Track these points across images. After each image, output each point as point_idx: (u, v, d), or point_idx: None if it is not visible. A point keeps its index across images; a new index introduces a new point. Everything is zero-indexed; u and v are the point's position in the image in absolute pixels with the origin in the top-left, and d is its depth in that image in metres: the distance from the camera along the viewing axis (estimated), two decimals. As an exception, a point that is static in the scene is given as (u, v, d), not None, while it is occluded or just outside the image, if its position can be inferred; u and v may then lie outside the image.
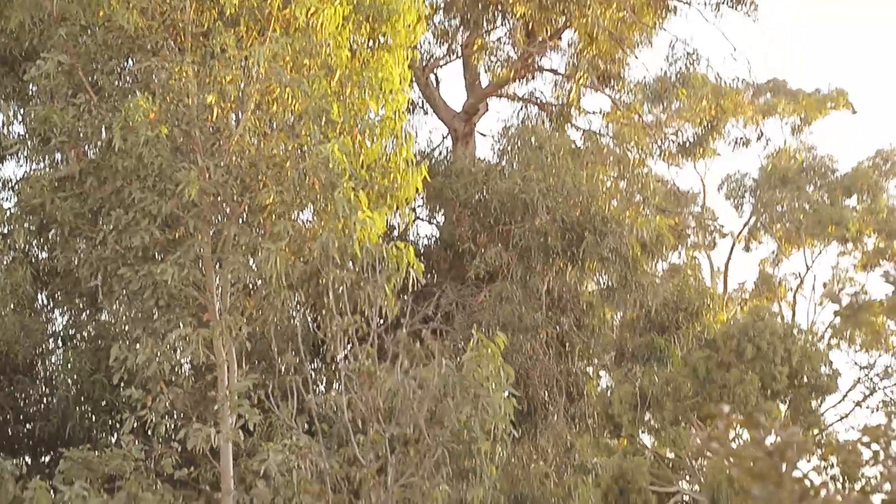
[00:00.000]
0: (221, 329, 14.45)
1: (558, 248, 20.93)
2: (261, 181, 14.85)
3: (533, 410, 20.60)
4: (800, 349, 29.60)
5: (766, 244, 39.02)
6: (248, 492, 13.93)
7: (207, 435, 13.34)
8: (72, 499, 13.06)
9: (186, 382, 17.84)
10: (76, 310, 20.14)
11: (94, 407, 18.63)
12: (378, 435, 9.52)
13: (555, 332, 21.53)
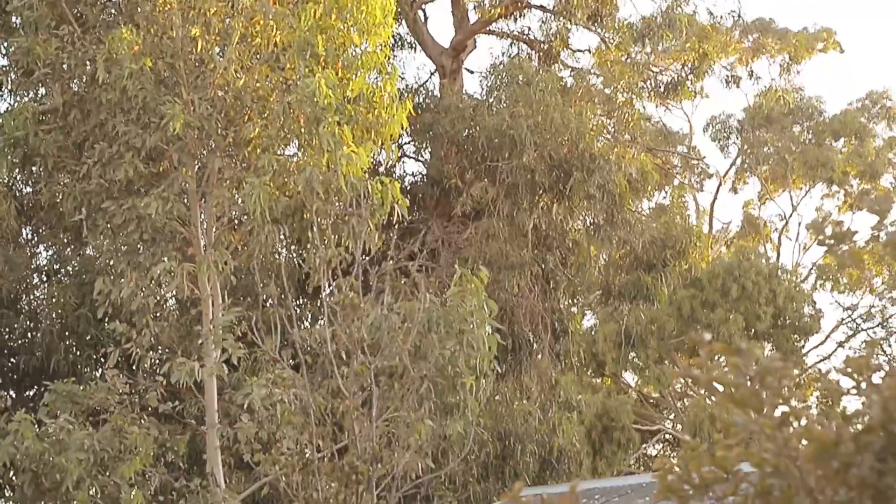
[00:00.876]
0: (206, 263, 14.44)
1: (545, 185, 20.92)
2: (245, 115, 14.79)
3: (517, 348, 20.69)
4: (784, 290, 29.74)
5: (753, 185, 39.05)
6: (233, 426, 13.98)
7: (191, 369, 13.37)
8: (56, 431, 13.11)
9: (171, 317, 17.88)
10: (60, 244, 20.11)
11: (78, 341, 18.65)
12: (362, 367, 9.55)
13: (540, 269, 21.56)
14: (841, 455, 4.23)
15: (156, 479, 14.26)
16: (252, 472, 15.22)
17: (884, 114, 36.31)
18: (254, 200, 13.86)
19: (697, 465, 4.86)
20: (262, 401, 13.27)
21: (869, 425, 4.17)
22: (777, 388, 4.23)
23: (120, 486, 13.24)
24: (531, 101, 21.07)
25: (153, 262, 14.90)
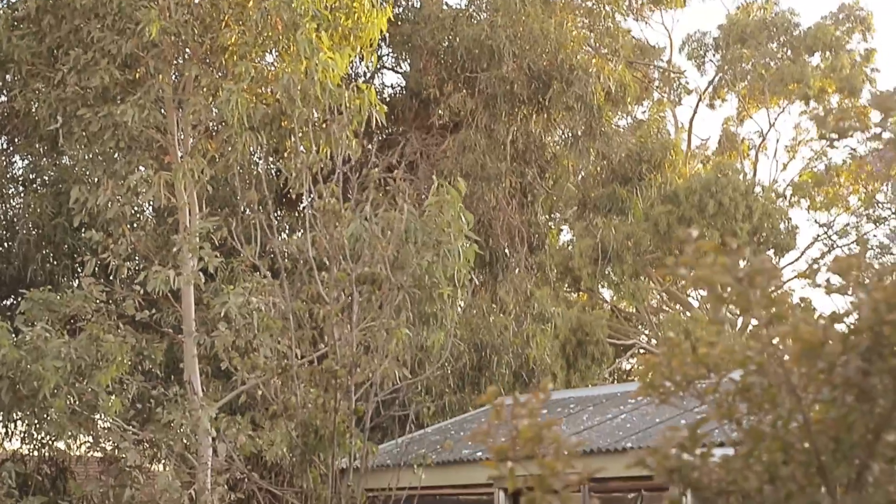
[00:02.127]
0: (183, 171, 14.32)
1: (524, 97, 20.79)
2: (222, 21, 14.58)
3: (494, 260, 20.72)
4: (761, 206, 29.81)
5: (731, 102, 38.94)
6: (210, 334, 13.98)
7: (167, 277, 13.31)
8: (33, 339, 13.06)
9: (148, 226, 17.79)
10: (36, 154, 19.92)
11: (55, 251, 18.55)
12: (342, 273, 9.52)
13: (518, 182, 21.51)
14: (826, 355, 4.24)
15: (133, 387, 14.28)
16: (230, 380, 15.25)
17: (857, 25, 36.03)
18: (231, 108, 13.72)
19: (680, 361, 4.88)
20: (238, 309, 13.27)
21: (857, 326, 4.18)
22: (766, 287, 4.23)
23: (97, 394, 13.24)
24: (511, 11, 20.87)
25: (129, 171, 14.78)
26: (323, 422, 8.72)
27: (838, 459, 4.25)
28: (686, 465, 4.24)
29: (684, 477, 4.24)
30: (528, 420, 4.33)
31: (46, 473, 17.67)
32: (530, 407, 4.40)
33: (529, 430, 4.30)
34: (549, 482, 4.38)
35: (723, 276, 4.19)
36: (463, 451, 12.84)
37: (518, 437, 4.32)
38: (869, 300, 4.11)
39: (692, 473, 4.23)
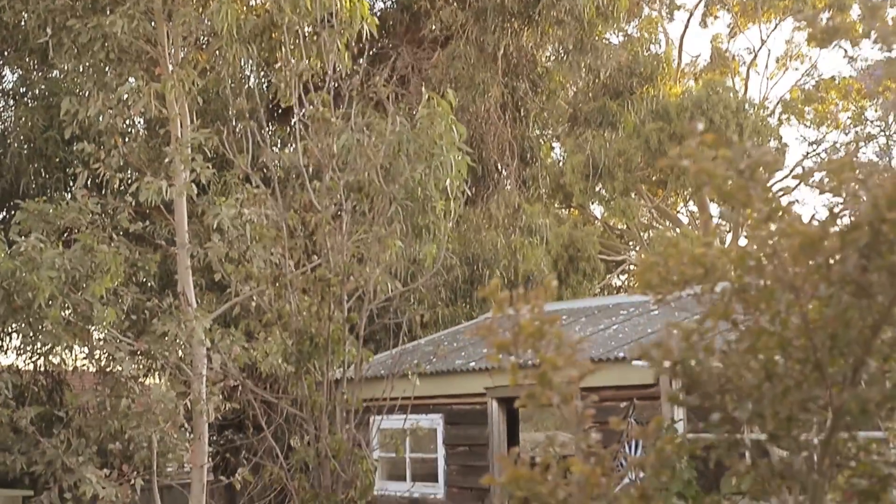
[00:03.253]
0: (173, 82, 14.23)
1: (514, 10, 20.62)
2: (212, -70, 14.42)
3: (486, 174, 20.71)
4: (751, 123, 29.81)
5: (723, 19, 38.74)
6: (203, 246, 14.00)
7: (159, 187, 13.30)
8: (28, 250, 13.06)
9: (139, 138, 17.72)
10: (26, 67, 19.76)
11: (47, 164, 18.50)
12: (334, 182, 9.52)
13: (510, 96, 21.43)
14: (825, 251, 4.28)
15: (128, 298, 14.32)
16: (223, 293, 15.33)
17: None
18: (221, 18, 13.61)
19: (676, 261, 4.91)
20: (231, 220, 13.29)
21: (855, 222, 4.21)
22: (766, 181, 4.26)
23: (92, 305, 13.28)
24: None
25: (120, 82, 14.68)
26: (317, 330, 8.78)
27: (835, 356, 4.31)
28: (688, 358, 4.29)
29: (685, 370, 4.29)
30: (531, 315, 4.36)
31: (42, 385, 17.79)
32: (533, 303, 4.43)
33: (531, 324, 4.33)
34: (549, 378, 4.43)
35: (723, 169, 4.21)
36: (456, 362, 12.96)
37: (520, 332, 4.36)
38: (868, 196, 4.13)
39: (693, 367, 4.28)
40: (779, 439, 4.35)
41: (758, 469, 4.43)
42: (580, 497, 4.23)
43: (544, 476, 4.25)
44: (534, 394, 4.45)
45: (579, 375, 4.52)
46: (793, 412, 4.32)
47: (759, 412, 4.29)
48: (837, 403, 4.24)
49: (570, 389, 4.51)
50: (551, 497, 4.21)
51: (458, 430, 12.85)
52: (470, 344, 13.99)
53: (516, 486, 4.20)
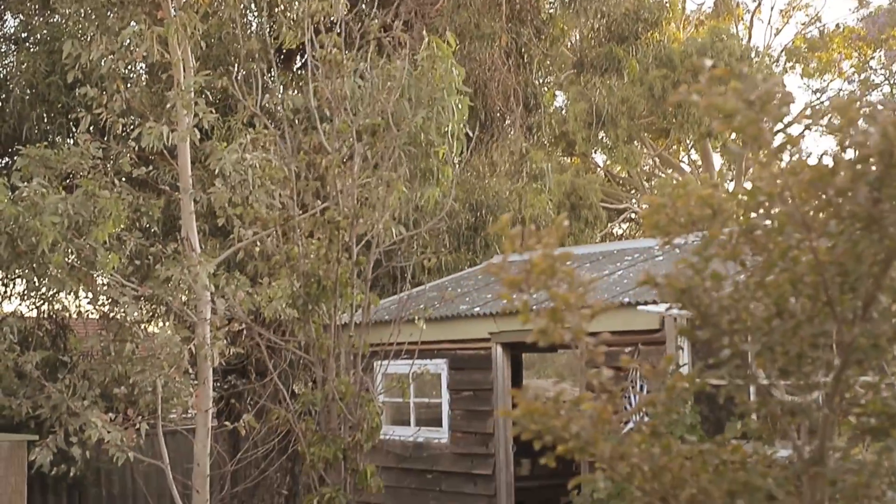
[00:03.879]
0: (175, 26, 14.13)
1: (519, -46, 20.50)
2: None
3: (490, 121, 20.63)
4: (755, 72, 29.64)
5: (728, -34, 38.46)
6: (206, 191, 13.98)
7: (161, 133, 13.25)
8: (30, 195, 13.03)
9: (142, 82, 17.64)
10: (28, 12, 19.65)
11: (49, 109, 18.41)
12: (345, 124, 9.50)
13: (514, 42, 21.30)
14: (835, 185, 4.27)
15: (131, 243, 14.30)
16: (227, 238, 15.31)
17: None
18: (224, -39, 13.51)
19: (684, 202, 4.90)
20: (233, 166, 13.26)
21: (865, 154, 4.19)
22: (778, 114, 4.23)
23: (95, 250, 13.27)
24: None
25: (122, 27, 14.60)
26: (325, 272, 8.79)
27: (846, 292, 4.31)
28: (697, 288, 4.28)
29: (694, 300, 4.28)
30: (542, 252, 4.36)
31: (47, 330, 17.84)
32: (544, 241, 4.43)
33: (543, 261, 4.33)
34: (561, 315, 4.43)
35: (733, 102, 4.18)
36: (461, 307, 12.98)
37: (531, 270, 4.36)
38: (877, 128, 4.11)
39: (702, 297, 4.28)
40: (789, 375, 4.36)
41: (767, 406, 4.45)
42: (592, 432, 4.25)
43: (558, 410, 4.26)
44: (546, 330, 4.45)
45: (591, 313, 4.53)
46: (803, 349, 4.33)
47: (769, 346, 4.29)
48: (848, 339, 4.25)
49: (582, 327, 4.52)
50: (564, 431, 4.23)
51: (462, 375, 12.90)
52: (474, 289, 14.00)
53: (530, 420, 4.22)
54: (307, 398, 8.82)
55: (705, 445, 4.48)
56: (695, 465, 4.38)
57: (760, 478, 4.25)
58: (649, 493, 4.37)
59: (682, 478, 4.34)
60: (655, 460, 4.32)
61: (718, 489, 4.29)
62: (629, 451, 4.32)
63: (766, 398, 4.39)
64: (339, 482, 8.87)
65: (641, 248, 13.98)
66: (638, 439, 4.36)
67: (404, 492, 13.46)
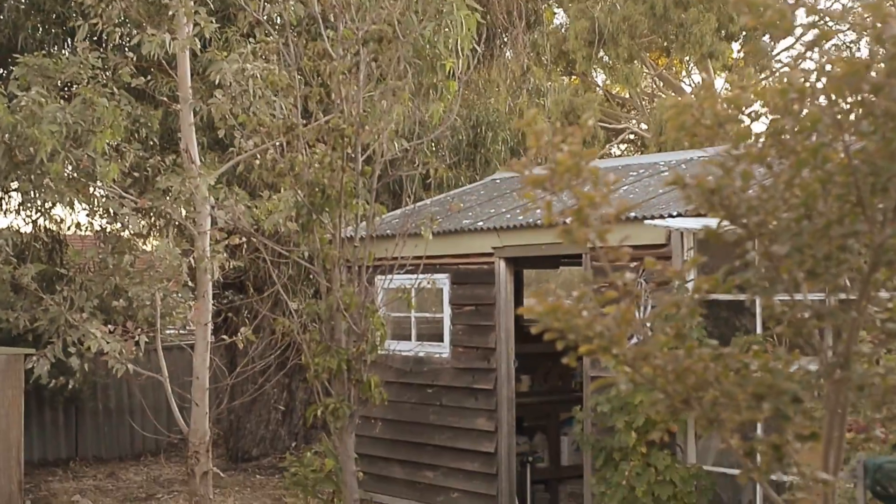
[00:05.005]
0: (176, -67, 13.87)
1: None
2: None
3: (491, 37, 20.38)
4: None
5: None
6: (206, 102, 13.82)
7: (162, 41, 13.06)
8: (28, 104, 12.87)
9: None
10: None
11: (45, 19, 18.15)
12: (349, 31, 9.33)
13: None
14: (871, 81, 4.16)
15: (130, 154, 14.16)
16: (226, 152, 15.17)
17: None
18: None
19: (711, 103, 4.79)
20: (234, 76, 13.10)
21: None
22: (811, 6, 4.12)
23: (94, 160, 13.14)
24: None
25: (119, -67, 14.32)
26: (330, 181, 8.67)
27: (877, 192, 4.21)
28: (726, 188, 4.18)
29: (724, 201, 4.19)
30: (569, 150, 4.25)
31: (44, 242, 17.74)
32: (569, 139, 4.32)
33: (568, 159, 4.22)
34: (586, 214, 4.34)
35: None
36: (463, 222, 12.88)
37: (556, 168, 4.25)
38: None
39: (732, 198, 4.18)
40: (817, 278, 4.28)
41: (794, 309, 4.37)
42: (616, 332, 4.17)
43: (581, 310, 4.19)
44: (570, 230, 4.37)
45: (616, 213, 4.44)
46: (831, 250, 4.25)
47: (798, 248, 4.21)
48: (879, 240, 4.16)
49: (607, 228, 4.43)
50: (588, 329, 4.15)
51: (464, 290, 12.83)
52: (477, 204, 13.90)
53: (554, 318, 4.14)
54: (311, 308, 8.75)
55: (727, 349, 4.41)
56: (718, 368, 4.31)
57: (787, 381, 4.18)
58: (672, 396, 4.30)
59: (705, 380, 4.27)
60: (679, 362, 4.25)
61: (743, 392, 4.23)
62: (653, 352, 4.25)
63: (794, 300, 4.32)
64: (342, 393, 8.84)
65: (646, 163, 13.87)
66: (662, 341, 4.28)
67: (404, 406, 13.46)
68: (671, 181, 4.34)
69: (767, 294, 4.32)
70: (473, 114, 18.64)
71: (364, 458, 11.50)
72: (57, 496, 16.77)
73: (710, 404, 4.29)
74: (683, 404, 4.38)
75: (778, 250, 4.20)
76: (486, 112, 18.81)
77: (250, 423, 19.65)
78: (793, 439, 4.29)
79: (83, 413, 19.82)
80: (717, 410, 4.28)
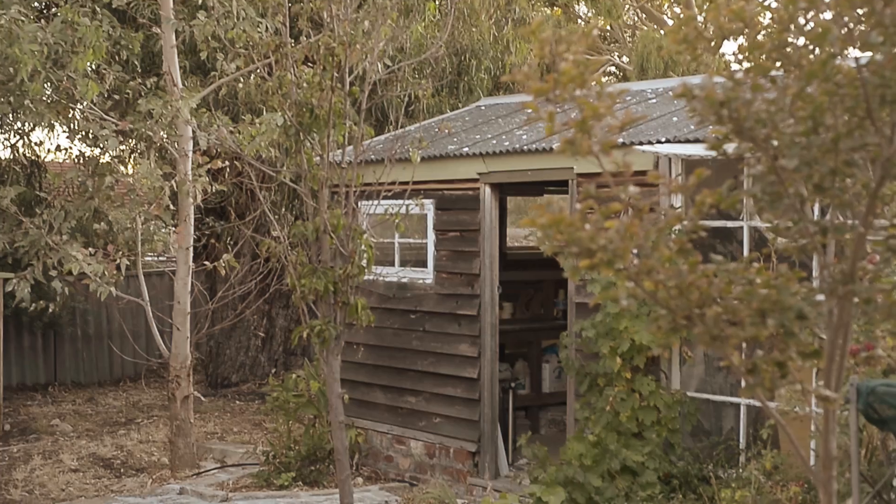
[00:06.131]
0: None
1: None
2: None
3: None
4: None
5: None
6: (189, 23, 13.64)
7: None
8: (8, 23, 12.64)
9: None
10: None
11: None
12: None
13: None
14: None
15: (111, 76, 13.99)
16: (208, 76, 14.99)
17: None
18: None
19: (714, 15, 4.71)
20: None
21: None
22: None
23: (74, 81, 12.97)
24: None
25: None
26: (319, 101, 8.56)
27: (887, 103, 4.15)
28: (735, 100, 4.11)
29: (733, 113, 4.12)
30: (573, 59, 4.16)
31: (23, 166, 17.57)
32: (573, 47, 4.23)
33: (573, 68, 4.13)
34: (590, 126, 4.26)
35: None
36: (448, 147, 12.78)
37: (560, 77, 4.16)
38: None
39: (741, 109, 4.11)
40: (824, 192, 4.23)
41: (799, 224, 4.32)
42: (620, 244, 4.11)
43: (584, 223, 4.12)
44: (573, 141, 4.28)
45: (622, 124, 4.36)
46: (838, 164, 4.19)
47: (806, 161, 4.15)
48: (887, 154, 4.10)
49: (611, 139, 4.35)
50: (591, 242, 4.09)
51: (448, 215, 12.76)
52: (462, 130, 13.79)
53: (556, 230, 4.07)
54: (298, 230, 8.67)
55: (731, 265, 4.36)
56: (722, 283, 4.26)
57: (792, 296, 4.14)
58: (674, 311, 4.25)
59: (709, 295, 4.23)
60: (683, 277, 4.20)
61: (747, 307, 4.18)
62: (656, 267, 4.19)
63: (801, 213, 4.27)
64: (329, 315, 8.79)
65: (634, 90, 13.77)
66: (666, 255, 4.23)
67: (387, 332, 13.44)
68: (679, 93, 4.25)
69: (773, 209, 4.27)
70: (456, 42, 18.45)
71: (346, 384, 11.48)
72: (36, 420, 16.75)
73: (714, 320, 4.25)
74: (686, 320, 4.33)
75: (786, 163, 4.14)
76: (470, 40, 18.63)
77: (230, 349, 19.63)
78: (796, 356, 4.25)
79: (62, 338, 19.76)
80: (720, 326, 4.24)
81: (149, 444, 15.37)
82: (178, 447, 14.17)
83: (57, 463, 14.34)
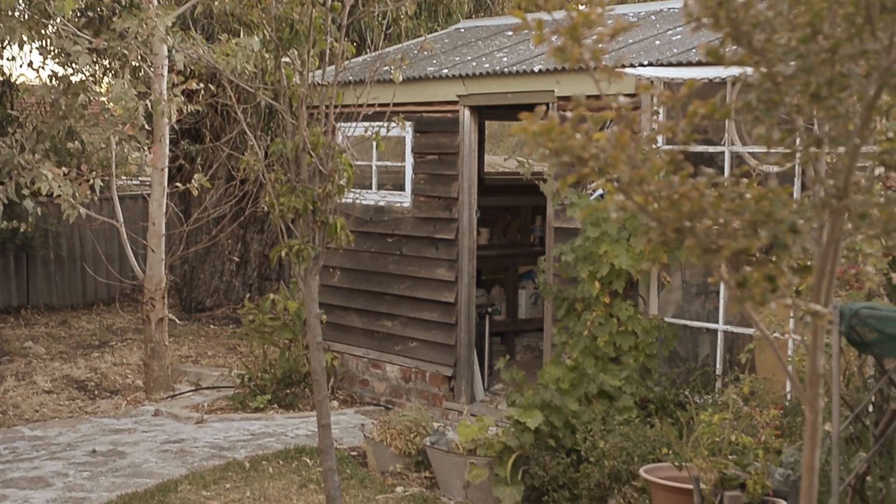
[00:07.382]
0: None
1: None
2: None
3: None
4: None
5: None
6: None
7: None
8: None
9: None
10: None
11: None
12: None
13: None
14: None
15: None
16: (183, -7, 14.72)
17: None
18: None
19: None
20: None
21: None
22: None
23: None
24: None
25: None
26: (300, 16, 8.37)
27: (888, 10, 4.05)
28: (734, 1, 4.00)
29: (731, 14, 4.01)
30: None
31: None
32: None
33: (567, -29, 4.01)
34: (580, 33, 4.15)
35: None
36: (427, 69, 12.62)
37: (553, -20, 4.05)
38: None
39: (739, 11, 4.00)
40: (821, 101, 4.14)
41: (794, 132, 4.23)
42: (612, 153, 4.02)
43: (576, 131, 4.03)
44: (563, 49, 4.17)
45: (612, 32, 4.25)
46: (834, 75, 4.10)
47: (804, 69, 4.05)
48: (886, 63, 4.01)
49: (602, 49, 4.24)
50: (583, 150, 4.00)
51: (427, 138, 12.62)
52: (441, 52, 13.61)
53: (548, 138, 3.98)
54: (277, 147, 8.53)
55: (724, 178, 4.28)
56: (713, 195, 4.18)
57: (785, 208, 4.06)
58: (664, 223, 4.17)
59: (701, 207, 4.14)
60: (675, 188, 4.12)
61: (739, 219, 4.11)
62: (648, 177, 4.11)
63: (795, 120, 4.18)
64: (308, 234, 8.68)
65: (615, 14, 13.61)
66: (657, 166, 4.14)
67: (364, 255, 13.36)
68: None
69: (769, 117, 4.18)
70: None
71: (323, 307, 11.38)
72: (9, 342, 16.63)
73: (705, 232, 4.18)
74: (676, 233, 4.26)
75: (783, 70, 4.05)
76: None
77: (204, 273, 19.52)
78: (787, 270, 4.19)
79: (35, 261, 19.58)
80: (712, 238, 4.17)
81: (123, 366, 15.30)
82: (152, 369, 14.11)
83: (31, 384, 14.26)
